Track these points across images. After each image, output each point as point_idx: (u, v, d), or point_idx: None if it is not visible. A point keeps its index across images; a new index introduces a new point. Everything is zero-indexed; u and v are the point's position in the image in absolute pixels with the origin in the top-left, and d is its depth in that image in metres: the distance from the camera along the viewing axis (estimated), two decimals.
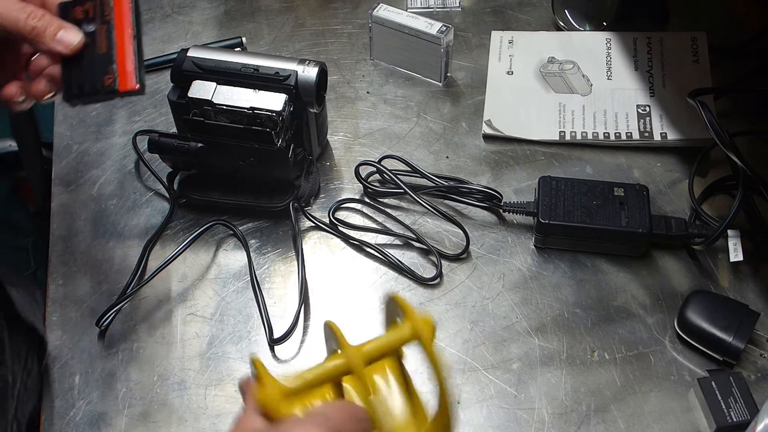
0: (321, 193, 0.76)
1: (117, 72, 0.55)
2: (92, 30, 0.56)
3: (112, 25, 0.56)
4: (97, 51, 0.56)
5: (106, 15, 0.56)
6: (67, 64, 0.56)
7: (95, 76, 0.55)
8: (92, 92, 0.56)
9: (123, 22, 0.56)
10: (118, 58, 0.56)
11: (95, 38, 0.56)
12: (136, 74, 0.55)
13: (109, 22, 0.56)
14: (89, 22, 0.56)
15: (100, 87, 0.55)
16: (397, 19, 0.83)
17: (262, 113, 0.66)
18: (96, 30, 0.56)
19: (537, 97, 0.83)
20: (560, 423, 0.60)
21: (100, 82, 0.55)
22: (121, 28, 0.56)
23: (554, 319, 0.66)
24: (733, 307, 0.63)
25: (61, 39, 0.54)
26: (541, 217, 0.68)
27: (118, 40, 0.56)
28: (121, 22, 0.56)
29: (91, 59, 0.56)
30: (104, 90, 0.55)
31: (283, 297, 0.68)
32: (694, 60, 0.83)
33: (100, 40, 0.56)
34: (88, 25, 0.56)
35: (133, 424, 0.60)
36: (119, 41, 0.56)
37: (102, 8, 0.57)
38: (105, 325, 0.65)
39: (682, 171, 0.77)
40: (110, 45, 0.56)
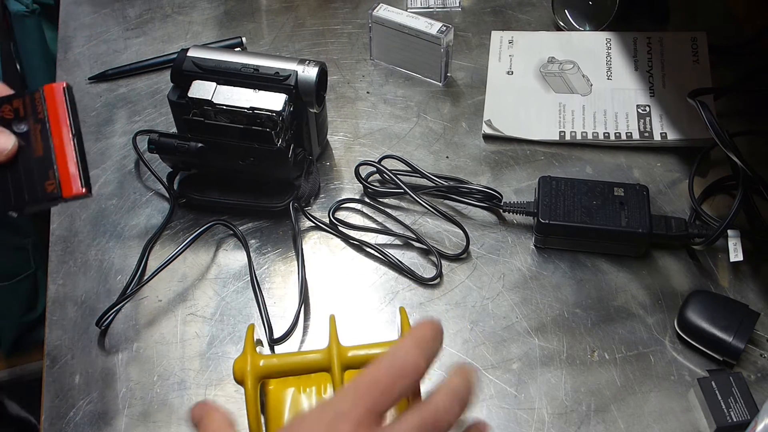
0: (321, 193, 0.76)
1: (59, 176, 0.49)
2: (25, 130, 0.50)
3: (46, 123, 0.50)
4: (34, 154, 0.50)
5: (38, 113, 0.50)
6: (1, 171, 0.50)
7: (35, 183, 0.49)
8: (33, 201, 0.50)
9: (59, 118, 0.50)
10: (58, 160, 0.49)
11: (29, 139, 0.50)
12: (80, 176, 0.50)
13: (42, 120, 0.50)
14: (20, 121, 0.50)
15: (41, 195, 0.49)
16: (397, 19, 0.83)
17: (262, 113, 0.66)
18: (29, 130, 0.50)
19: (537, 97, 0.83)
20: (560, 423, 0.60)
21: (41, 189, 0.49)
22: (57, 125, 0.50)
23: (554, 319, 0.66)
24: (733, 307, 0.63)
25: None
26: (541, 217, 0.68)
27: (56, 139, 0.50)
28: (57, 119, 0.50)
29: (27, 164, 0.49)
30: (47, 197, 0.49)
31: (283, 297, 0.68)
32: (694, 60, 0.83)
33: (35, 142, 0.50)
34: (20, 125, 0.50)
35: (133, 424, 0.60)
36: (57, 141, 0.50)
37: (33, 105, 0.50)
38: (105, 325, 0.65)
39: (682, 171, 0.77)
40: (47, 146, 0.50)
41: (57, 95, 0.50)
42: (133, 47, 0.91)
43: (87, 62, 0.90)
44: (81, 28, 0.94)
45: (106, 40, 0.92)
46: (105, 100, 0.85)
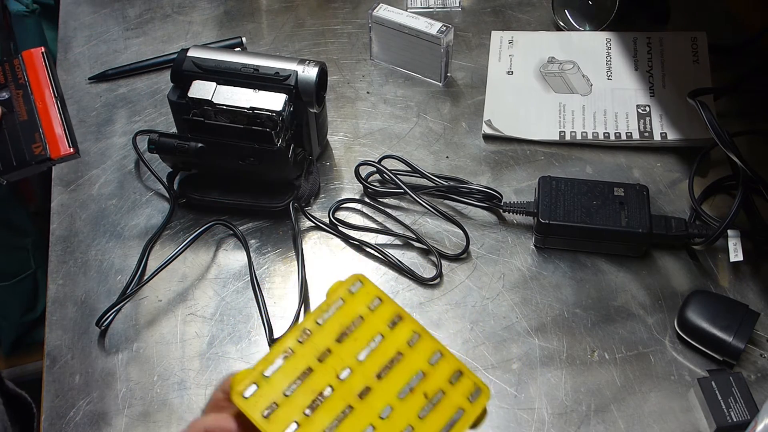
0: (321, 193, 0.76)
1: (45, 138, 0.50)
2: (7, 97, 0.50)
3: (28, 88, 0.51)
4: (18, 119, 0.50)
5: (19, 78, 0.51)
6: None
7: (22, 147, 0.50)
8: (21, 164, 0.50)
9: (40, 82, 0.51)
10: (43, 123, 0.50)
11: (12, 105, 0.50)
12: (66, 137, 0.50)
13: (24, 85, 0.51)
14: (2, 88, 0.51)
15: (30, 157, 0.50)
16: (397, 19, 0.83)
17: (262, 113, 0.66)
18: (11, 96, 0.50)
19: (537, 97, 0.83)
20: (560, 423, 0.60)
21: (29, 152, 0.50)
22: (39, 89, 0.51)
23: (554, 319, 0.66)
24: (733, 307, 0.63)
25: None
26: (541, 217, 0.68)
27: (39, 103, 0.50)
28: (39, 83, 0.51)
29: (12, 129, 0.50)
30: (35, 159, 0.50)
31: (283, 297, 0.68)
32: (694, 60, 0.83)
33: (19, 107, 0.50)
34: (1, 92, 0.51)
35: (133, 424, 0.60)
36: (40, 104, 0.50)
37: (13, 71, 0.51)
38: (105, 325, 0.65)
39: (682, 171, 0.77)
40: (31, 110, 0.50)
41: (36, 60, 0.51)
42: (133, 47, 0.91)
43: (87, 62, 0.90)
44: (81, 28, 0.94)
45: (106, 40, 0.92)
46: (105, 100, 0.85)
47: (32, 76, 0.51)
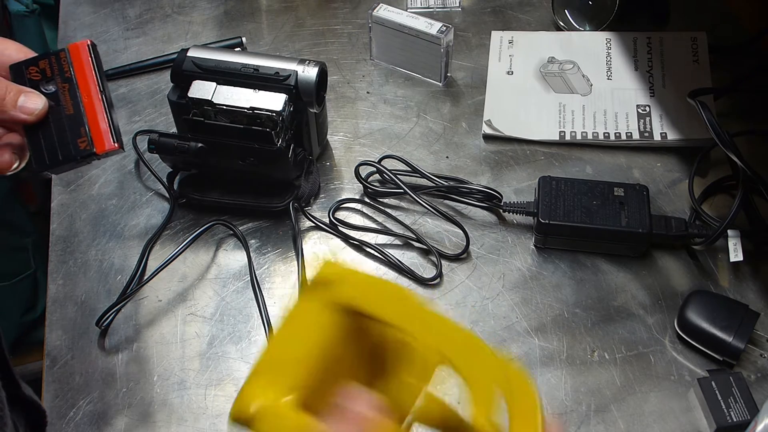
0: (321, 193, 0.76)
1: (91, 133, 0.50)
2: (53, 90, 0.50)
3: (74, 82, 0.50)
4: (64, 113, 0.50)
5: (65, 72, 0.50)
6: (33, 131, 0.50)
7: (67, 141, 0.50)
8: (67, 159, 0.50)
9: (86, 76, 0.50)
10: (88, 117, 0.50)
11: (59, 99, 0.50)
12: (111, 132, 0.50)
13: (70, 79, 0.50)
14: (48, 81, 0.50)
15: (75, 152, 0.50)
16: (397, 19, 0.83)
17: (262, 113, 0.66)
18: (58, 90, 0.50)
19: (537, 97, 0.83)
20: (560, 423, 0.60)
21: (74, 147, 0.50)
22: (85, 83, 0.50)
23: (554, 319, 0.66)
24: (733, 307, 0.63)
25: (23, 106, 0.48)
26: (541, 217, 0.68)
27: (85, 97, 0.50)
28: (85, 77, 0.50)
29: (58, 123, 0.50)
30: (81, 154, 0.50)
31: (283, 297, 0.68)
32: (694, 60, 0.83)
33: (65, 101, 0.50)
34: (48, 85, 0.50)
35: (133, 424, 0.60)
36: (86, 99, 0.50)
37: (59, 64, 0.50)
38: (105, 325, 0.65)
39: (682, 171, 0.77)
40: (77, 104, 0.50)
41: (82, 53, 0.50)
42: (133, 47, 0.91)
43: None
44: (81, 28, 0.94)
45: (106, 40, 0.92)
46: None
47: (78, 70, 0.51)
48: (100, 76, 0.51)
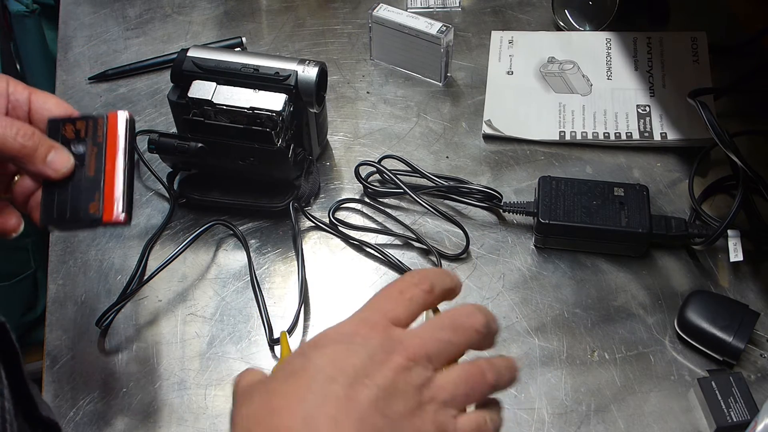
0: (321, 193, 0.76)
1: (103, 200, 0.50)
2: (82, 152, 0.51)
3: (103, 148, 0.51)
4: (85, 175, 0.51)
5: (98, 137, 0.51)
6: (50, 186, 0.51)
7: (79, 202, 0.50)
8: (74, 220, 0.50)
9: (116, 146, 0.51)
10: (106, 184, 0.50)
11: (84, 160, 0.51)
12: (123, 204, 0.50)
13: (100, 144, 0.51)
14: (80, 142, 0.51)
15: (83, 215, 0.50)
16: (397, 19, 0.83)
17: (262, 113, 0.66)
18: (86, 152, 0.51)
19: (537, 97, 0.83)
20: (560, 423, 0.60)
21: (84, 209, 0.50)
22: (113, 151, 0.51)
23: (554, 319, 0.66)
24: (733, 307, 0.63)
25: (51, 161, 0.49)
26: (541, 217, 0.68)
27: (108, 164, 0.51)
28: (114, 147, 0.51)
29: (77, 183, 0.51)
30: (88, 218, 0.50)
31: (283, 297, 0.68)
32: (694, 60, 0.83)
33: (90, 163, 0.51)
34: (78, 146, 0.51)
35: (133, 424, 0.60)
36: (109, 166, 0.51)
37: (95, 128, 0.51)
38: (105, 325, 0.65)
39: (682, 171, 0.77)
40: (99, 169, 0.51)
41: (119, 123, 0.52)
42: (133, 47, 0.91)
43: (87, 62, 0.90)
44: (81, 28, 0.94)
45: (106, 40, 0.92)
46: (105, 100, 0.85)
47: (110, 138, 0.52)
48: (129, 150, 0.52)
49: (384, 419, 0.36)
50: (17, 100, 0.52)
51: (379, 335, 0.39)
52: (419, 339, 0.39)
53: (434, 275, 0.43)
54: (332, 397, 0.36)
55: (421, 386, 0.38)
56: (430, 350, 0.39)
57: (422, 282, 0.42)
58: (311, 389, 0.37)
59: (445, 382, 0.39)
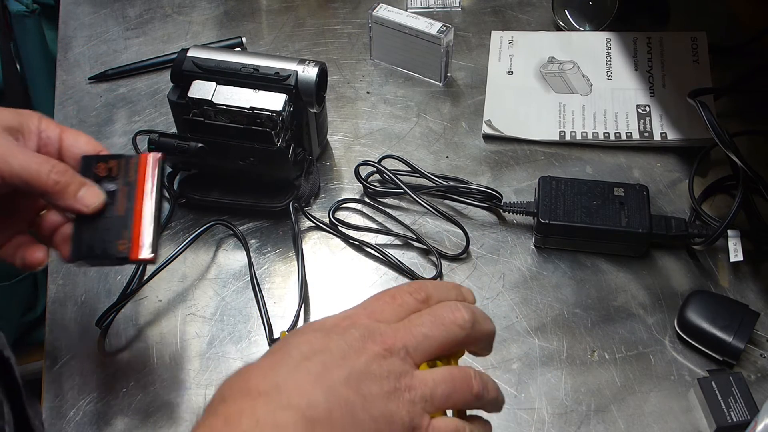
0: (321, 193, 0.76)
1: (131, 238, 0.52)
2: (113, 190, 0.53)
3: (134, 187, 0.53)
4: (115, 213, 0.52)
5: (129, 176, 0.53)
6: (80, 222, 0.53)
7: (108, 240, 0.52)
8: (102, 256, 0.52)
9: (146, 186, 0.53)
10: (134, 223, 0.52)
11: (115, 198, 0.52)
12: (152, 243, 0.52)
13: (131, 183, 0.53)
14: (111, 180, 0.53)
15: (111, 252, 0.52)
16: (397, 19, 0.83)
17: (262, 113, 0.66)
18: (117, 190, 0.53)
19: (537, 97, 0.83)
20: (560, 423, 0.60)
21: (112, 247, 0.52)
22: (142, 191, 0.53)
23: (554, 319, 0.66)
24: (733, 307, 0.63)
25: (82, 197, 0.51)
26: (541, 217, 0.68)
27: (137, 203, 0.52)
28: (143, 185, 0.53)
29: (106, 220, 0.52)
30: (116, 255, 0.52)
31: (283, 297, 0.68)
32: (694, 60, 0.83)
33: (120, 202, 0.52)
34: (110, 184, 0.53)
35: (133, 424, 0.60)
36: (138, 205, 0.52)
37: (126, 168, 0.53)
38: (105, 325, 0.65)
39: (682, 171, 0.77)
40: (129, 208, 0.52)
41: (150, 165, 0.53)
42: (133, 47, 0.91)
43: (87, 62, 0.90)
44: (81, 28, 0.94)
45: (106, 40, 0.92)
46: (105, 100, 0.85)
47: (141, 178, 0.53)
48: (158, 190, 0.53)
49: (356, 395, 0.37)
50: (48, 137, 0.53)
51: (358, 327, 0.40)
52: (397, 331, 0.40)
53: (434, 287, 0.43)
54: (304, 370, 0.37)
55: (398, 375, 0.38)
56: (408, 343, 0.39)
57: (417, 291, 0.42)
58: (285, 362, 0.38)
59: (425, 378, 0.39)
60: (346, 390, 0.37)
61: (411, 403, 0.38)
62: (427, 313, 0.41)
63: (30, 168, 0.50)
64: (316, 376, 0.37)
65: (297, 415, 0.35)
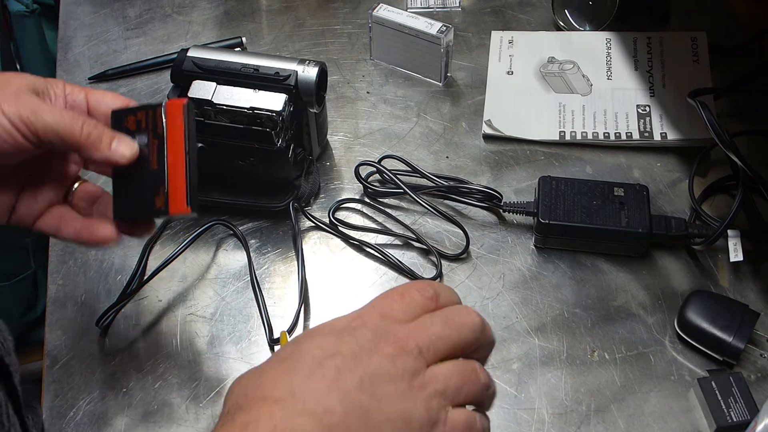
0: (321, 193, 0.76)
1: (168, 192, 0.51)
2: (145, 142, 0.52)
3: (164, 140, 0.52)
4: (149, 167, 0.52)
5: (158, 128, 0.52)
6: (118, 180, 0.53)
7: (146, 196, 0.51)
8: (140, 212, 0.52)
9: (176, 136, 0.52)
10: (169, 177, 0.51)
11: (147, 152, 0.52)
12: (187, 196, 0.51)
13: (161, 136, 0.52)
14: (141, 133, 0.52)
15: (149, 208, 0.51)
16: (397, 19, 0.83)
17: (262, 113, 0.66)
18: (148, 143, 0.52)
19: (537, 97, 0.83)
20: (560, 423, 0.60)
21: (150, 202, 0.51)
22: (174, 142, 0.51)
23: (554, 319, 0.66)
24: (733, 307, 0.63)
25: (116, 149, 0.51)
26: (541, 217, 0.68)
27: (171, 156, 0.51)
28: (174, 137, 0.52)
29: (141, 175, 0.52)
30: (154, 212, 0.51)
31: (283, 297, 0.68)
32: (694, 60, 0.83)
33: (152, 156, 0.52)
34: (141, 137, 0.52)
35: (133, 424, 0.60)
36: (171, 158, 0.51)
37: (154, 119, 0.52)
38: (105, 325, 0.65)
39: (682, 171, 0.77)
40: (162, 162, 0.51)
41: (177, 112, 0.52)
42: (133, 47, 0.91)
43: (87, 62, 0.90)
44: (81, 28, 0.94)
45: (106, 40, 0.92)
46: None
47: (170, 128, 0.52)
48: (190, 138, 0.52)
49: (371, 399, 0.37)
50: (75, 99, 0.54)
51: (370, 328, 0.40)
52: (410, 331, 0.40)
53: (441, 287, 0.43)
54: (319, 376, 0.37)
55: (411, 373, 0.38)
56: (421, 342, 0.39)
57: (425, 289, 0.42)
58: (298, 369, 0.38)
59: (437, 373, 0.39)
60: (360, 395, 0.37)
61: (427, 400, 0.38)
62: (438, 314, 0.41)
63: (64, 121, 0.50)
64: (330, 381, 0.37)
65: (314, 422, 0.36)
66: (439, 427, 0.38)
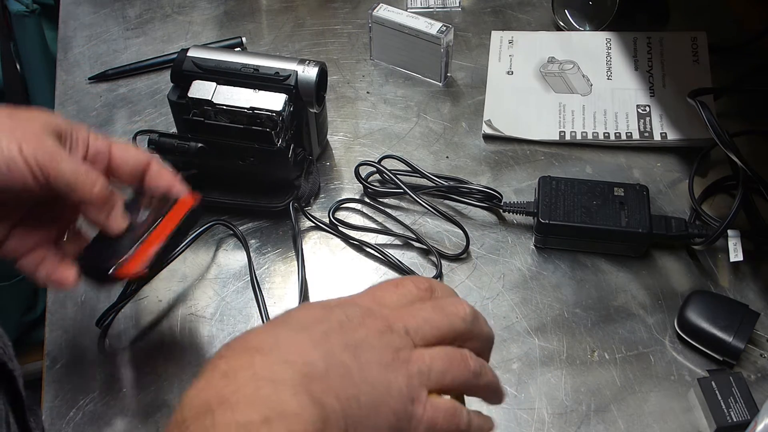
0: (321, 193, 0.76)
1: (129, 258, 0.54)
2: (143, 220, 0.55)
3: (160, 221, 0.56)
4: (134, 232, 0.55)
5: (162, 209, 0.56)
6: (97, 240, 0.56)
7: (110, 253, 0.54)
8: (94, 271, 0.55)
9: (171, 221, 0.56)
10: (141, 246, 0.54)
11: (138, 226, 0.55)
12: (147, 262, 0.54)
13: (160, 216, 0.56)
14: (146, 209, 0.56)
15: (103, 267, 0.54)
16: (397, 19, 0.83)
17: (262, 113, 0.66)
18: (146, 219, 0.56)
19: (537, 97, 0.83)
20: (560, 423, 0.60)
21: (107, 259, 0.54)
22: (166, 224, 0.56)
23: (554, 319, 0.66)
24: (733, 307, 0.63)
25: (114, 218, 0.54)
26: (541, 217, 0.68)
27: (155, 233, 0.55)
28: (170, 221, 0.56)
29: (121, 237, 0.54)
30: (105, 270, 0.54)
31: (283, 297, 0.68)
32: (694, 60, 0.83)
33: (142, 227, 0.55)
34: (145, 212, 0.56)
35: (133, 424, 0.60)
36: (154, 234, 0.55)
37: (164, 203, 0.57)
38: (105, 325, 0.65)
39: (682, 171, 0.77)
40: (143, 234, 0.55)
41: (185, 207, 0.57)
42: (133, 47, 0.91)
43: (87, 62, 0.90)
44: (81, 28, 0.94)
45: (106, 40, 0.92)
46: (105, 100, 0.85)
47: (172, 215, 0.56)
48: (180, 227, 0.56)
49: (354, 360, 0.37)
50: (97, 149, 0.55)
51: (360, 306, 0.40)
52: (399, 312, 0.40)
53: (438, 283, 0.44)
54: (305, 334, 0.38)
55: (396, 348, 0.39)
56: (409, 324, 0.40)
57: (421, 282, 0.42)
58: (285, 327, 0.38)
59: (422, 354, 0.39)
60: (344, 354, 0.37)
61: (408, 376, 0.38)
62: (430, 302, 0.42)
63: (78, 176, 0.50)
64: (315, 341, 0.37)
65: (293, 370, 0.36)
66: (418, 405, 0.38)
